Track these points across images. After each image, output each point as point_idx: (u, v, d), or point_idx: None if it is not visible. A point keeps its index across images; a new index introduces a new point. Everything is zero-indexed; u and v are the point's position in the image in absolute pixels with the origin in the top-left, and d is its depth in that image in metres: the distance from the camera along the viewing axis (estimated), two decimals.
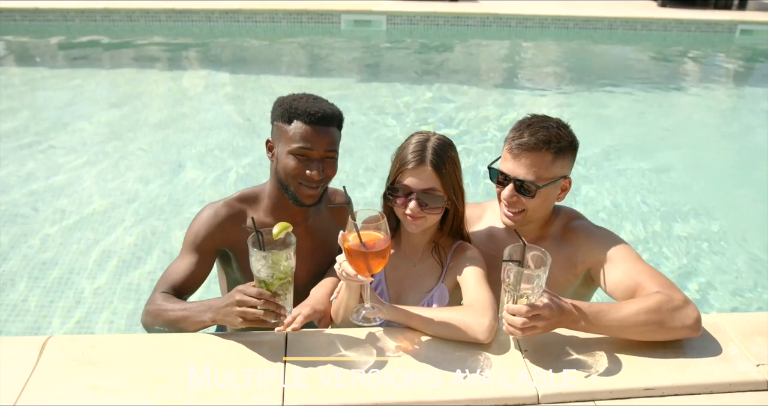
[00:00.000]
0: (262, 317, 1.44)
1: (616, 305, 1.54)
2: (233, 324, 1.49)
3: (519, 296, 1.45)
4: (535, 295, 1.45)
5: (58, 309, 3.04)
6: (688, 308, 1.54)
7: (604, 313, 1.50)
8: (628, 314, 1.50)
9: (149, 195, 4.20)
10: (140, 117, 5.71)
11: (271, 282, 1.44)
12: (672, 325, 1.52)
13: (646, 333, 1.53)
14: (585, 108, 6.61)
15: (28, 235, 3.64)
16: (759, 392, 1.49)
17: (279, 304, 1.45)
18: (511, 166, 1.72)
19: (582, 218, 1.89)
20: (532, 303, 1.43)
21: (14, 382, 1.41)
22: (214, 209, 1.84)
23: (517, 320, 1.43)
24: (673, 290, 1.58)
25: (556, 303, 1.45)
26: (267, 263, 1.42)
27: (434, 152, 1.66)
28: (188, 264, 1.77)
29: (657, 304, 1.51)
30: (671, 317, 1.51)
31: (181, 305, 1.64)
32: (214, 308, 1.53)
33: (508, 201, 1.75)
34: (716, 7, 11.28)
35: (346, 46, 9.06)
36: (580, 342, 1.61)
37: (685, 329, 1.53)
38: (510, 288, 1.46)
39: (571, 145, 1.74)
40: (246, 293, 1.45)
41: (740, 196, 4.60)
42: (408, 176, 1.67)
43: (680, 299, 1.54)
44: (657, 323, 1.51)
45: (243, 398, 1.39)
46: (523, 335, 1.44)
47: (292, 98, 1.78)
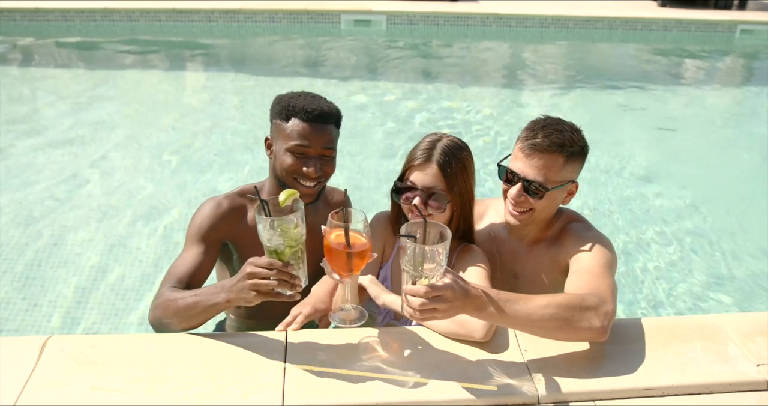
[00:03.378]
0: (276, 288, 1.38)
1: (527, 296, 1.46)
2: (248, 300, 1.43)
3: (419, 276, 1.33)
4: (437, 275, 1.33)
5: (58, 309, 3.03)
6: (599, 310, 1.48)
7: (513, 302, 1.41)
8: (538, 306, 1.43)
9: (149, 195, 4.19)
10: (140, 117, 5.70)
11: (282, 251, 1.39)
12: (579, 324, 1.45)
13: (553, 330, 1.47)
14: (585, 108, 6.60)
15: (27, 235, 3.64)
16: (759, 392, 1.49)
17: (292, 274, 1.39)
18: (521, 165, 1.72)
19: (580, 220, 1.88)
20: (432, 284, 1.32)
21: (14, 382, 1.41)
22: (216, 201, 1.85)
23: (414, 301, 1.31)
24: (599, 297, 1.51)
25: (461, 285, 1.35)
26: (276, 231, 1.37)
27: (442, 152, 1.67)
28: (194, 256, 1.76)
29: (568, 301, 1.47)
30: (580, 316, 1.45)
31: (190, 293, 1.59)
32: (227, 287, 1.47)
33: (515, 200, 1.75)
34: (716, 7, 11.28)
35: (346, 46, 9.06)
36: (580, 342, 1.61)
37: (592, 330, 1.47)
38: (408, 267, 1.33)
39: (582, 150, 1.75)
40: (257, 265, 1.39)
41: (740, 196, 4.60)
42: (414, 172, 1.69)
43: (594, 302, 1.49)
44: (564, 320, 1.44)
45: (243, 399, 1.39)
46: (422, 317, 1.33)
47: (290, 96, 1.79)
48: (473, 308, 1.37)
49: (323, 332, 1.70)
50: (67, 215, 3.89)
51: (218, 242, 1.83)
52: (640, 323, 1.72)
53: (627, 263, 3.61)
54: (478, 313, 1.39)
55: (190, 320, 1.60)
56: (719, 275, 3.57)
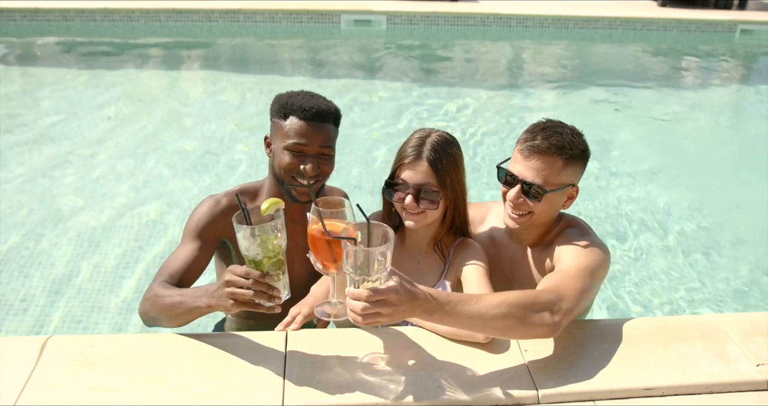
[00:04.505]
0: (253, 298, 1.33)
1: (479, 295, 1.42)
2: (227, 308, 1.39)
3: (362, 280, 1.26)
4: (381, 277, 1.27)
5: (58, 309, 3.03)
6: (553, 307, 1.44)
7: (464, 303, 1.35)
8: (490, 305, 1.37)
9: (148, 195, 4.19)
10: (140, 117, 5.70)
11: (260, 261, 1.35)
12: (532, 321, 1.41)
13: (506, 329, 1.42)
14: (585, 108, 6.61)
15: (27, 235, 3.64)
16: (759, 392, 1.49)
17: (270, 284, 1.34)
18: (520, 167, 1.71)
19: (577, 226, 1.84)
20: (375, 287, 1.25)
21: (14, 382, 1.41)
22: (215, 199, 1.86)
23: (356, 305, 1.24)
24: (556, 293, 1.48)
25: (407, 288, 1.27)
26: (255, 240, 1.33)
27: (432, 148, 1.67)
28: (189, 251, 1.76)
29: (520, 298, 1.42)
30: (532, 313, 1.41)
31: (177, 291, 1.58)
32: (210, 292, 1.45)
33: (513, 202, 1.73)
34: (716, 7, 11.30)
35: (346, 46, 9.06)
36: (580, 342, 1.61)
37: (544, 326, 1.43)
38: (351, 271, 1.26)
39: (583, 154, 1.73)
40: (235, 273, 1.35)
41: (741, 196, 4.60)
42: (405, 170, 1.69)
43: (548, 298, 1.45)
44: (517, 318, 1.40)
45: (243, 398, 1.39)
46: (365, 322, 1.25)
47: (288, 95, 1.80)
48: (422, 312, 1.31)
49: (323, 332, 1.70)
50: (67, 215, 3.89)
51: (215, 240, 1.83)
52: (640, 323, 1.72)
53: (627, 263, 3.61)
54: (427, 316, 1.33)
55: (175, 319, 1.59)
56: (719, 274, 3.57)
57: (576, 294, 1.52)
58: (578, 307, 1.53)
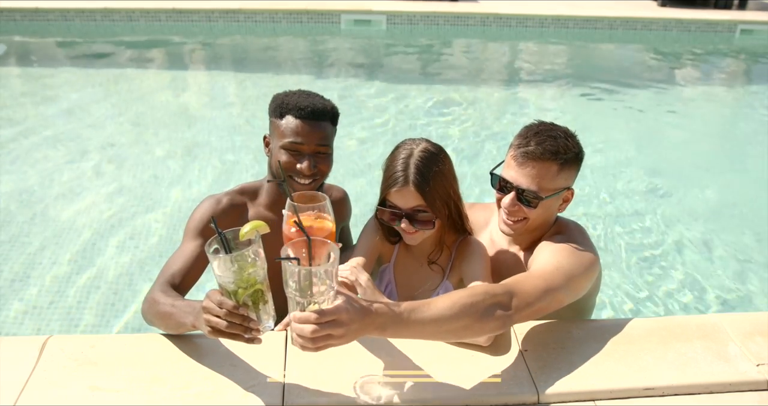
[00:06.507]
0: (227, 329, 1.22)
1: (429, 300, 1.33)
2: (205, 333, 1.29)
3: (307, 302, 1.17)
4: (328, 299, 1.18)
5: (58, 309, 3.04)
6: (503, 301, 1.39)
7: (418, 311, 1.28)
8: (443, 308, 1.31)
9: (149, 195, 4.19)
10: (140, 117, 5.71)
11: (234, 291, 1.22)
12: (484, 317, 1.36)
13: (461, 330, 1.36)
14: (585, 108, 6.61)
15: (27, 235, 3.64)
16: (759, 392, 1.49)
17: (245, 316, 1.22)
18: (514, 174, 1.68)
19: (566, 232, 1.79)
20: (321, 309, 1.17)
21: (14, 382, 1.41)
22: (216, 198, 1.86)
23: (305, 329, 1.15)
24: (509, 287, 1.44)
25: (355, 306, 1.20)
26: (231, 267, 1.19)
27: (417, 171, 1.61)
28: (191, 250, 1.76)
29: (470, 296, 1.36)
30: (484, 309, 1.36)
31: (171, 301, 1.54)
32: (196, 310, 1.37)
33: (508, 209, 1.71)
34: (716, 7, 11.30)
35: (346, 46, 9.06)
36: (580, 342, 1.61)
37: (495, 321, 1.38)
38: (294, 294, 1.17)
39: (577, 156, 1.70)
40: (211, 300, 1.25)
41: (740, 196, 4.60)
42: (394, 197, 1.65)
43: (498, 293, 1.40)
44: (471, 316, 1.34)
45: (242, 398, 1.39)
46: (315, 345, 1.17)
47: (285, 94, 1.81)
48: (374, 328, 1.23)
49: None
50: (67, 214, 3.89)
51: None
52: (640, 323, 1.72)
53: (626, 263, 3.61)
54: (381, 332, 1.25)
55: (167, 329, 1.58)
56: (719, 274, 3.57)
57: (532, 292, 1.46)
58: (535, 305, 1.46)
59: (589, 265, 1.65)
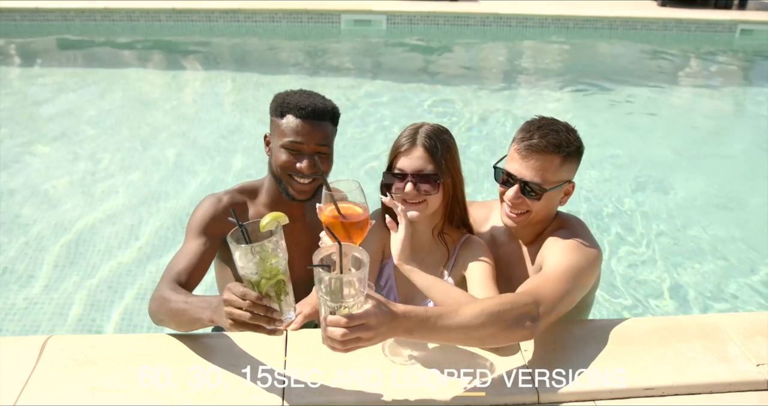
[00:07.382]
0: (250, 321, 1.25)
1: (456, 308, 1.37)
2: (226, 327, 1.33)
3: (338, 306, 1.22)
4: (357, 302, 1.23)
5: (58, 309, 3.04)
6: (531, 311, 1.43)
7: (444, 317, 1.32)
8: (470, 316, 1.35)
9: (149, 195, 4.20)
10: (140, 117, 5.70)
11: (257, 281, 1.26)
12: (511, 326, 1.40)
13: (487, 338, 1.41)
14: (585, 107, 6.61)
15: (27, 234, 3.64)
16: (759, 392, 1.49)
17: (269, 307, 1.26)
18: (518, 166, 1.71)
19: (569, 226, 1.82)
20: (351, 313, 1.22)
21: (14, 382, 1.41)
22: (217, 196, 1.87)
23: (336, 332, 1.21)
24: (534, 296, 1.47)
25: (384, 310, 1.25)
26: (253, 258, 1.23)
27: (426, 135, 1.70)
28: (194, 248, 1.76)
29: (498, 305, 1.40)
30: (512, 319, 1.40)
31: (184, 297, 1.55)
32: (213, 305, 1.41)
33: (512, 202, 1.74)
34: (716, 7, 11.29)
35: (346, 46, 9.06)
36: (580, 342, 1.61)
37: (524, 330, 1.42)
38: (326, 298, 1.22)
39: (578, 150, 1.74)
40: (232, 292, 1.28)
41: (740, 196, 4.60)
42: (401, 159, 1.71)
43: (524, 301, 1.44)
44: (498, 326, 1.38)
45: (243, 398, 1.39)
46: (345, 348, 1.23)
47: (286, 93, 1.82)
48: (402, 331, 1.28)
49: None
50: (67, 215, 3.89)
51: (218, 237, 1.83)
52: (640, 323, 1.72)
53: (626, 264, 3.61)
54: (409, 335, 1.31)
55: (180, 326, 1.58)
56: (719, 274, 3.57)
57: (554, 297, 1.50)
58: (557, 309, 1.51)
59: (594, 260, 1.70)
